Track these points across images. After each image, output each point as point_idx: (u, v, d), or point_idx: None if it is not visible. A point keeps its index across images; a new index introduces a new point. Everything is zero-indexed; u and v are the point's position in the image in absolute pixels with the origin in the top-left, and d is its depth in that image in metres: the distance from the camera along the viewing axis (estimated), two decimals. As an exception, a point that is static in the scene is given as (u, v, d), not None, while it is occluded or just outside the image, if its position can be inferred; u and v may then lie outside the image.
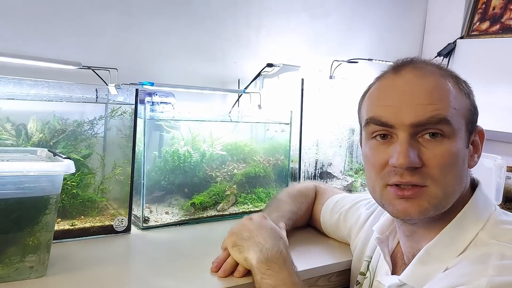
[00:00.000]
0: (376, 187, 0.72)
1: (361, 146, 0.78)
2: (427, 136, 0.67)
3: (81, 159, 0.98)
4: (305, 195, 1.08)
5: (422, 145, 0.67)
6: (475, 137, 0.72)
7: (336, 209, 1.01)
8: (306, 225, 1.11)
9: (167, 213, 1.11)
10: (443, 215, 0.70)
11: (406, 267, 0.76)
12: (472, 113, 0.70)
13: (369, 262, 0.87)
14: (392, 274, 0.79)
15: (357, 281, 0.88)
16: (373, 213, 0.92)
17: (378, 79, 0.74)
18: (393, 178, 0.68)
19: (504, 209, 1.28)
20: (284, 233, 0.87)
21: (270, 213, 0.96)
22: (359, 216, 0.95)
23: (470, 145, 0.71)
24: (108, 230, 0.99)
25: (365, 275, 0.87)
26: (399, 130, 0.67)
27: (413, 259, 0.75)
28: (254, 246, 0.77)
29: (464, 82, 0.72)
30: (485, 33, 1.85)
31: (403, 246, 0.79)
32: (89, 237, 0.96)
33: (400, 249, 0.80)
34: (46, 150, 0.87)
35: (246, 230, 0.81)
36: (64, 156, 0.80)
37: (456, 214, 0.70)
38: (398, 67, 0.71)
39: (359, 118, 0.78)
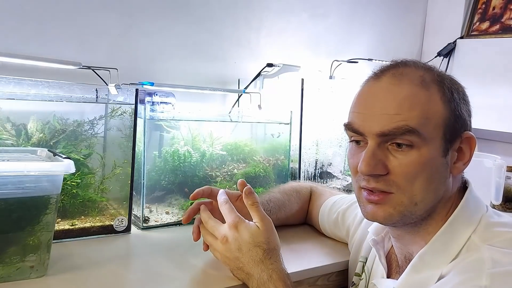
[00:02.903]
0: (354, 188, 0.75)
1: None
2: (395, 146, 0.68)
3: (81, 159, 0.98)
4: (296, 190, 1.09)
5: (391, 153, 0.68)
6: (461, 144, 0.71)
7: (334, 209, 1.01)
8: (304, 224, 1.12)
9: (167, 213, 1.11)
10: (425, 222, 0.71)
11: (400, 270, 0.77)
12: (452, 121, 0.69)
13: (364, 263, 0.87)
14: (387, 276, 0.79)
15: (353, 282, 0.88)
16: None
17: (362, 84, 0.75)
18: (362, 182, 0.71)
19: (504, 209, 1.29)
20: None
21: None
22: (356, 216, 0.95)
23: (454, 152, 0.70)
24: (108, 230, 0.99)
25: (361, 276, 0.87)
26: (368, 138, 0.69)
27: (405, 261, 0.75)
28: (248, 279, 0.77)
29: (450, 87, 0.70)
30: (485, 33, 1.85)
31: (395, 248, 0.80)
32: (89, 237, 0.96)
33: (394, 250, 0.80)
34: (46, 150, 0.87)
35: (232, 258, 0.78)
36: (64, 156, 0.80)
37: (443, 220, 0.70)
38: (380, 73, 0.72)
39: None
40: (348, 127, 0.73)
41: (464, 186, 0.75)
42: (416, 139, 0.66)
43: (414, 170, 0.67)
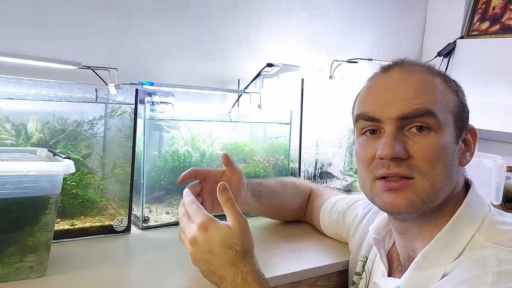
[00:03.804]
0: (366, 182, 0.73)
1: (354, 145, 0.80)
2: (413, 130, 0.68)
3: (81, 159, 0.98)
4: (294, 184, 1.08)
5: (409, 138, 0.68)
6: (466, 135, 0.72)
7: (335, 209, 1.01)
8: (304, 224, 1.12)
9: (167, 213, 1.11)
10: (435, 214, 0.70)
11: (402, 268, 0.76)
12: (461, 110, 0.71)
13: (365, 262, 0.87)
14: (388, 275, 0.79)
15: (353, 281, 0.88)
16: (369, 213, 0.92)
17: (368, 79, 0.76)
18: (380, 170, 0.69)
19: (504, 209, 1.29)
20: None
21: None
22: (356, 215, 0.95)
23: (461, 143, 0.71)
24: (108, 230, 0.99)
25: (361, 275, 0.87)
26: (386, 124, 0.69)
27: (408, 259, 0.75)
28: (221, 283, 0.72)
29: (453, 81, 0.74)
30: (485, 33, 1.85)
31: (398, 246, 0.79)
32: (89, 237, 0.96)
33: (396, 249, 0.80)
34: (46, 150, 0.87)
35: (202, 261, 0.73)
36: (64, 156, 0.80)
37: (450, 215, 0.70)
38: (387, 67, 0.74)
39: (352, 118, 0.79)
40: (363, 116, 0.72)
41: (466, 185, 0.75)
42: (434, 123, 0.67)
43: (435, 153, 0.67)
